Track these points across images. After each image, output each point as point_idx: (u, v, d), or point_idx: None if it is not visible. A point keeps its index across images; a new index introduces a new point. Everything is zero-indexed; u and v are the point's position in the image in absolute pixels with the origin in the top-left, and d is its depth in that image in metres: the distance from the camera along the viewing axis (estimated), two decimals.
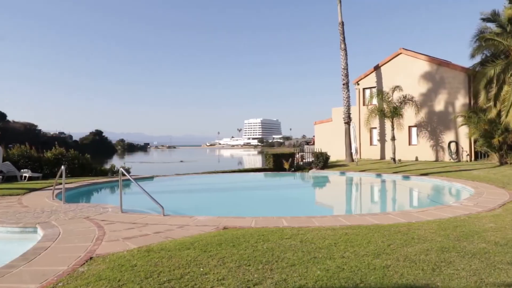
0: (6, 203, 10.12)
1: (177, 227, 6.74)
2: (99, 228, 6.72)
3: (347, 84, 26.47)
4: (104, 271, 4.28)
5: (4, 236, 7.19)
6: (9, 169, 17.08)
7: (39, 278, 4.22)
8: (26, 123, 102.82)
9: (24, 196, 11.51)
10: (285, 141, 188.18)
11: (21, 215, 8.17)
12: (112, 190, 15.21)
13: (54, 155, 18.97)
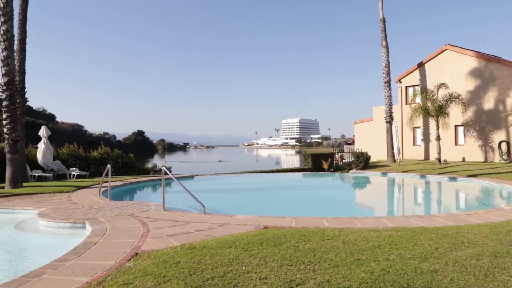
0: (57, 200, 10.66)
1: (218, 226, 6.81)
2: (143, 225, 6.92)
3: (388, 82, 25.76)
4: (149, 266, 4.39)
5: (56, 231, 7.58)
6: (59, 167, 18.01)
7: (89, 271, 4.40)
8: (74, 124, 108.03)
9: (73, 193, 12.08)
10: (324, 141, 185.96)
11: (71, 211, 8.57)
12: (154, 189, 15.65)
13: (99, 154, 19.81)
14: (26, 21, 16.96)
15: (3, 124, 14.19)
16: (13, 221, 8.74)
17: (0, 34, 13.97)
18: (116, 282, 3.93)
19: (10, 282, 4.15)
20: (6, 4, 14.00)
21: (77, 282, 4.07)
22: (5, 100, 14.06)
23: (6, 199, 10.95)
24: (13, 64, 14.56)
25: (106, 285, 3.86)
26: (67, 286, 3.95)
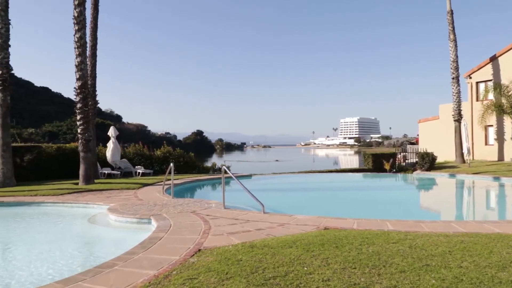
0: (125, 196, 11.28)
1: (278, 225, 6.79)
2: (204, 222, 7.09)
3: (457, 78, 24.21)
4: (212, 263, 4.48)
5: (124, 225, 8.01)
6: (126, 165, 19.06)
7: (155, 265, 4.58)
8: (138, 124, 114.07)
9: (138, 190, 12.71)
10: (384, 140, 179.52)
11: (137, 207, 9.02)
12: (214, 187, 16.02)
13: (162, 153, 20.68)
14: (97, 28, 18.16)
15: (77, 125, 15.29)
16: (87, 215, 9.39)
17: (74, 42, 15.09)
18: (181, 276, 4.05)
19: (86, 272, 4.44)
20: (79, 14, 15.07)
21: (145, 274, 4.26)
22: (79, 103, 15.15)
23: (80, 194, 11.79)
24: (86, 69, 15.65)
25: (172, 279, 3.99)
26: (136, 278, 4.15)
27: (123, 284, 3.98)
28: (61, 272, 5.41)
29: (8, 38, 15.19)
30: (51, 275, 5.26)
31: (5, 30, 15.05)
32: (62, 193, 11.78)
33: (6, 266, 6.29)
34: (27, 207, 10.58)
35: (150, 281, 4.02)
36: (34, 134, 69.79)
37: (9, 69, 15.29)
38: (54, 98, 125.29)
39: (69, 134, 75.94)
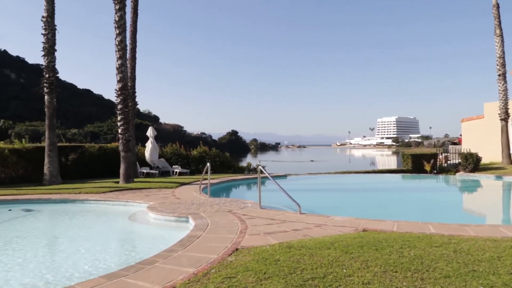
0: (163, 195, 11.55)
1: (315, 226, 6.72)
2: (241, 222, 7.13)
3: (503, 75, 23.02)
4: (250, 262, 4.49)
5: (162, 223, 8.20)
6: (164, 165, 19.51)
7: (194, 263, 4.65)
8: (174, 125, 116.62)
9: (176, 189, 12.97)
10: (424, 140, 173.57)
11: (175, 206, 9.20)
12: (249, 187, 16.08)
13: (199, 153, 21.02)
14: (136, 31, 18.70)
15: (117, 126, 15.82)
16: (127, 212, 9.68)
17: (115, 45, 15.61)
18: (220, 275, 4.09)
19: (128, 268, 4.58)
20: (120, 18, 15.59)
21: (184, 272, 4.33)
22: (119, 104, 15.66)
23: (121, 192, 12.19)
24: (126, 71, 16.17)
25: (211, 277, 4.04)
26: (176, 275, 4.22)
27: (164, 281, 4.07)
28: (104, 267, 5.61)
29: (54, 43, 15.95)
30: (95, 270, 5.46)
31: (51, 36, 15.81)
32: (104, 191, 12.22)
33: (53, 260, 6.60)
34: (72, 204, 11.06)
35: (190, 278, 4.08)
36: (77, 134, 73.00)
37: (55, 72, 16.05)
38: (95, 100, 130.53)
39: (109, 134, 78.77)
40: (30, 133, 51.31)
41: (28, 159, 16.28)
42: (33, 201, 11.13)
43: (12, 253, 6.70)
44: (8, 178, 15.80)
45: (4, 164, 15.73)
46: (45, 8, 15.78)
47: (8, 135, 58.89)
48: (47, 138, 15.65)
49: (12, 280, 5.15)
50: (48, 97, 15.75)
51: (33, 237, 8.19)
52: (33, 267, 5.93)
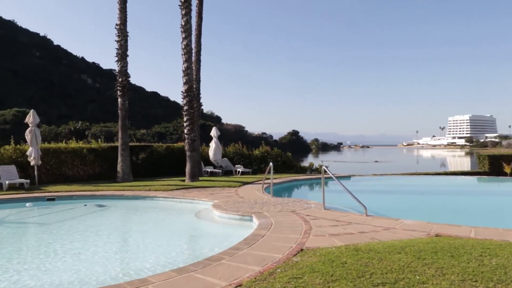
0: (227, 193, 11.79)
1: (382, 229, 6.45)
2: (305, 222, 7.05)
3: None
4: (316, 264, 4.41)
5: (227, 221, 8.37)
6: (227, 164, 19.94)
7: (260, 261, 4.67)
8: (236, 125, 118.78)
9: (239, 188, 13.18)
10: (502, 140, 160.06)
11: (239, 204, 9.34)
12: (311, 187, 15.90)
13: (261, 153, 21.20)
14: (201, 34, 19.32)
15: (183, 126, 16.44)
16: (193, 210, 10.02)
17: (181, 48, 16.24)
18: (286, 275, 4.06)
19: (197, 263, 4.72)
20: (186, 22, 16.19)
21: (250, 270, 4.37)
22: (185, 105, 16.27)
23: (187, 190, 12.65)
24: (192, 74, 16.75)
25: (277, 277, 4.03)
26: (242, 273, 4.27)
27: (231, 278, 4.13)
28: (172, 261, 5.83)
29: (126, 49, 16.97)
30: (164, 263, 5.70)
31: (124, 42, 16.84)
32: (172, 189, 12.76)
33: (126, 252, 7.01)
34: (142, 201, 11.68)
35: (256, 277, 4.11)
36: (145, 134, 77.15)
37: (128, 76, 17.07)
38: (162, 101, 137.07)
39: (175, 135, 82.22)
40: (104, 134, 55.14)
41: (103, 157, 17.49)
42: (108, 197, 11.92)
43: (87, 245, 7.23)
44: (86, 175, 17.09)
45: (83, 162, 17.04)
46: (118, 16, 16.85)
47: (85, 135, 63.81)
48: (120, 138, 16.70)
49: (86, 269, 5.54)
50: (121, 99, 16.80)
51: (106, 230, 8.77)
52: (106, 257, 6.34)
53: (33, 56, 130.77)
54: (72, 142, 18.03)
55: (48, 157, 15.82)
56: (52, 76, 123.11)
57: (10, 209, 10.74)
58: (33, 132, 14.58)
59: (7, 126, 58.28)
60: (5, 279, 5.09)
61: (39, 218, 10.21)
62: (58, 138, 40.80)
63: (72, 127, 70.11)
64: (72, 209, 10.63)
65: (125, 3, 16.91)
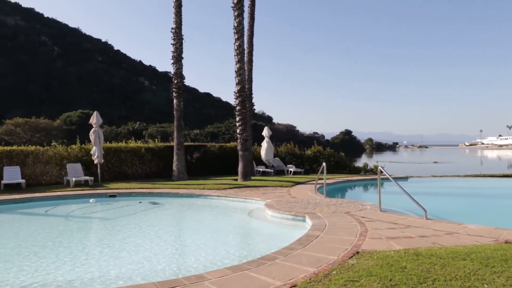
0: (279, 193, 11.77)
1: (444, 234, 6.10)
2: (360, 224, 6.86)
3: None
4: (373, 267, 4.26)
5: (279, 221, 8.35)
6: (279, 164, 19.93)
7: (314, 263, 4.60)
8: (287, 125, 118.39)
9: (291, 188, 13.11)
10: None
11: (292, 204, 9.28)
12: (366, 188, 15.45)
13: (313, 152, 20.96)
14: (253, 35, 19.47)
15: (236, 126, 16.66)
16: (246, 209, 10.11)
17: (234, 49, 16.46)
18: (342, 277, 3.96)
19: (251, 262, 4.75)
20: (238, 23, 16.40)
21: (305, 271, 4.32)
22: (238, 105, 16.47)
23: (239, 189, 12.80)
24: (244, 74, 16.93)
25: (332, 279, 3.94)
26: (297, 273, 4.23)
27: (285, 278, 4.11)
28: (226, 258, 5.91)
29: (181, 51, 17.52)
30: (218, 260, 5.80)
31: (179, 45, 17.39)
32: (225, 188, 12.98)
33: (181, 248, 7.22)
34: (196, 199, 11.99)
35: (311, 278, 4.05)
36: (198, 134, 79.22)
37: (182, 78, 17.62)
38: (214, 102, 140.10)
39: (226, 135, 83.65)
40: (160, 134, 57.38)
41: (160, 156, 18.20)
42: (164, 195, 12.37)
43: (145, 240, 7.53)
44: (144, 173, 17.87)
45: (141, 161, 17.84)
46: (174, 20, 17.43)
47: (143, 135, 66.77)
48: (175, 138, 17.27)
49: (144, 262, 5.76)
50: (176, 101, 17.37)
51: (162, 226, 9.10)
52: (162, 252, 6.57)
53: (95, 61, 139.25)
54: (131, 142, 18.91)
55: (109, 156, 16.74)
56: (113, 79, 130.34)
57: (76, 205, 11.47)
58: (97, 133, 15.49)
59: (73, 127, 62.39)
60: (75, 266, 5.45)
61: (101, 213, 10.81)
62: (118, 138, 43.02)
63: (130, 127, 73.69)
64: (129, 206, 11.14)
65: (180, 7, 17.47)
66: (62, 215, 10.42)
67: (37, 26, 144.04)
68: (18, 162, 14.78)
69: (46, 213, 10.29)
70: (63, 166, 15.48)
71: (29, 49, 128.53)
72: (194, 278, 4.19)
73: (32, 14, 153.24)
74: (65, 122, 67.97)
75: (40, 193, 12.22)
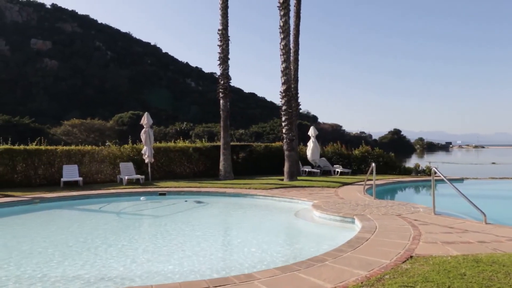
0: (326, 194, 11.59)
1: (507, 240, 5.71)
2: (413, 228, 6.58)
3: None
4: (429, 273, 4.07)
5: (327, 222, 8.22)
6: (325, 164, 19.65)
7: (365, 266, 4.47)
8: (333, 124, 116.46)
9: (338, 189, 12.87)
10: None
11: (340, 205, 9.10)
12: (417, 190, 14.85)
13: (361, 153, 20.45)
14: (299, 34, 19.33)
15: (282, 126, 16.61)
16: (292, 209, 10.05)
17: (280, 49, 16.42)
18: (396, 282, 3.82)
19: (300, 263, 4.70)
20: (284, 23, 16.33)
21: (356, 274, 4.20)
22: (284, 105, 16.42)
23: (286, 190, 12.75)
24: (290, 74, 16.84)
25: (385, 283, 3.81)
26: (348, 276, 4.13)
27: (336, 280, 4.03)
28: (274, 258, 5.90)
29: (228, 52, 17.74)
30: (265, 260, 5.79)
31: (225, 46, 17.63)
32: (271, 188, 12.97)
33: (228, 247, 7.30)
34: (243, 198, 12.08)
35: (362, 281, 3.94)
36: (243, 134, 79.91)
37: (229, 79, 17.85)
38: (259, 102, 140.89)
39: (271, 134, 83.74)
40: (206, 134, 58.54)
41: (207, 156, 18.54)
42: (211, 194, 12.58)
43: (193, 238, 7.68)
44: (191, 172, 18.30)
45: (189, 160, 18.28)
46: (220, 21, 17.69)
47: (190, 135, 68.46)
48: (222, 137, 17.52)
49: (192, 259, 5.87)
50: (223, 101, 17.62)
51: (210, 225, 9.24)
52: (210, 250, 6.67)
53: (145, 63, 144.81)
54: (180, 141, 19.42)
55: (159, 155, 17.30)
56: (161, 81, 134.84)
57: (128, 202, 11.96)
58: (147, 133, 16.06)
59: (124, 127, 65.16)
60: (127, 259, 5.68)
61: (151, 210, 11.21)
62: (166, 137, 44.41)
63: (178, 127, 75.77)
64: (176, 204, 11.43)
65: (227, 9, 17.69)
66: (114, 211, 10.92)
67: (91, 32, 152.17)
68: (76, 161, 15.66)
69: (100, 209, 10.81)
70: (117, 165, 16.20)
71: (84, 54, 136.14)
72: (243, 277, 4.22)
73: (87, 21, 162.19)
74: (117, 122, 71.11)
75: (95, 191, 12.86)
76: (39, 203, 10.97)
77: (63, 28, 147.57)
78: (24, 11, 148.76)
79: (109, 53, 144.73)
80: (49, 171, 15.25)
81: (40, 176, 15.03)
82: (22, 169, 14.77)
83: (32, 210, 10.53)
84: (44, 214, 10.37)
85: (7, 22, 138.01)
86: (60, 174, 14.81)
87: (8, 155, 14.38)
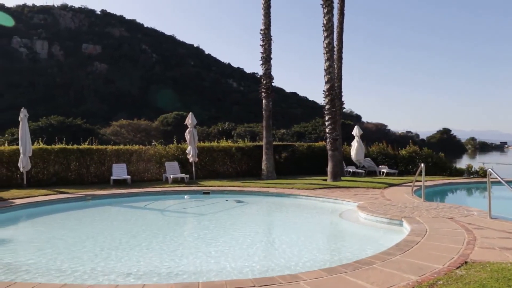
0: (371, 195, 11.28)
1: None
2: (467, 232, 6.24)
3: None
4: (487, 280, 3.83)
5: (373, 223, 7.99)
6: (370, 164, 19.15)
7: (416, 270, 4.29)
8: (377, 123, 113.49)
9: (385, 190, 12.48)
10: None
11: (386, 207, 8.82)
12: (470, 192, 14.12)
13: (408, 153, 19.73)
14: (343, 32, 18.96)
15: (325, 125, 16.36)
16: (336, 210, 9.87)
17: (323, 47, 16.18)
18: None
19: (346, 265, 4.59)
20: (328, 21, 16.07)
21: (406, 278, 4.04)
22: (327, 104, 16.16)
23: (329, 190, 12.54)
24: (333, 72, 16.55)
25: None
26: (397, 281, 3.98)
27: (384, 284, 3.89)
28: (319, 260, 5.81)
29: (270, 52, 17.73)
30: (309, 261, 5.71)
31: (268, 46, 17.62)
32: (314, 188, 12.82)
33: (272, 247, 7.26)
34: (286, 198, 12.02)
35: (414, 286, 3.79)
36: (285, 134, 79.66)
37: (271, 78, 17.83)
38: (300, 101, 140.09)
39: (313, 134, 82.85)
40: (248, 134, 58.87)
41: (249, 155, 18.64)
42: (254, 193, 12.63)
43: (238, 236, 7.72)
44: (234, 172, 18.47)
45: (232, 160, 18.47)
46: (263, 21, 17.71)
47: (232, 135, 69.23)
48: (264, 137, 17.54)
49: (236, 258, 5.89)
50: (265, 101, 17.64)
51: (254, 224, 9.27)
52: (255, 249, 6.68)
53: (188, 65, 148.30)
54: (223, 141, 19.66)
55: (202, 155, 17.61)
56: (204, 81, 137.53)
57: (173, 200, 12.28)
58: (192, 133, 16.40)
59: (169, 128, 67.01)
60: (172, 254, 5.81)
61: (195, 209, 11.42)
62: (209, 137, 45.18)
63: (220, 127, 76.86)
64: (217, 203, 11.56)
65: (269, 8, 17.68)
66: (160, 209, 11.25)
67: (138, 35, 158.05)
68: (124, 160, 16.29)
69: (145, 207, 11.17)
70: (162, 164, 16.68)
71: (132, 57, 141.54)
72: (289, 278, 4.18)
73: (134, 25, 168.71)
74: (162, 123, 73.27)
75: (143, 188, 13.30)
76: (91, 200, 11.52)
77: (112, 33, 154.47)
78: (76, 17, 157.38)
79: (155, 56, 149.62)
80: (100, 169, 15.97)
81: (92, 174, 15.77)
82: (75, 167, 15.57)
83: (85, 206, 11.08)
84: (97, 210, 10.88)
85: (61, 29, 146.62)
86: (110, 172, 15.47)
87: (63, 154, 15.23)
